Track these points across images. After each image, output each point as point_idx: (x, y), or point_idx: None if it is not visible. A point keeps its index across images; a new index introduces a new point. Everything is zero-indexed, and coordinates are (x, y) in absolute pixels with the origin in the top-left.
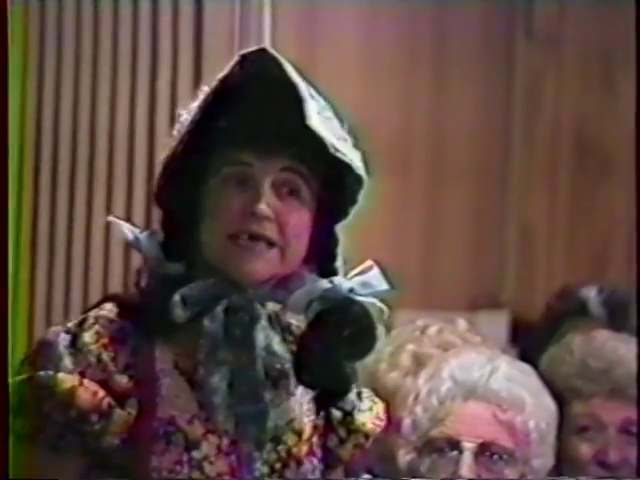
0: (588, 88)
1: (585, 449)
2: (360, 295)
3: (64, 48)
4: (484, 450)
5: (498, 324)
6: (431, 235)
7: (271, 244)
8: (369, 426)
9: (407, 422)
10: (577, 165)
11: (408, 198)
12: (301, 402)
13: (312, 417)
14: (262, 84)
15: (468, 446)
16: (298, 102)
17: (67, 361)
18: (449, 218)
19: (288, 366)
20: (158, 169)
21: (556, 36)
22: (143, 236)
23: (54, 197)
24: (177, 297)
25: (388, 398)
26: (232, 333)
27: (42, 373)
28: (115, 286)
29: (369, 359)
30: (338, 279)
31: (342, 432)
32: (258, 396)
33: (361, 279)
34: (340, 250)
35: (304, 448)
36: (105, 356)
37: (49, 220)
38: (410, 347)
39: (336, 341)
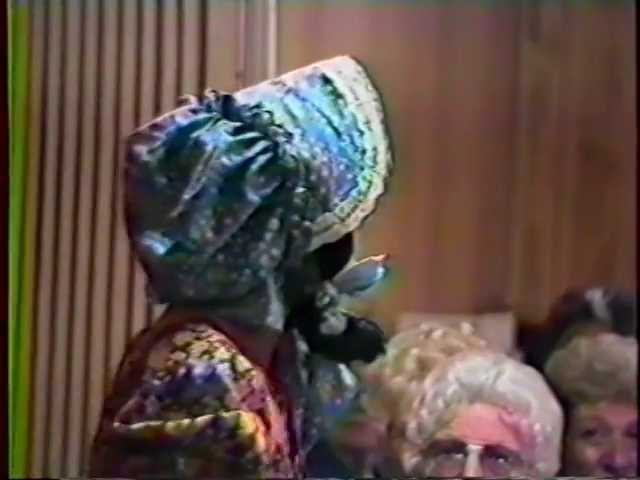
0: (593, 91)
1: (591, 453)
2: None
3: (68, 56)
4: (490, 453)
5: (503, 327)
6: (436, 238)
7: None
8: None
9: (412, 425)
10: (582, 168)
11: (413, 201)
12: None
13: None
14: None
15: (474, 448)
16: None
17: (234, 392)
18: (454, 221)
19: None
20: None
21: (561, 39)
22: None
23: (59, 199)
24: (331, 317)
25: (392, 402)
26: None
27: (226, 414)
28: (119, 286)
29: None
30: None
31: None
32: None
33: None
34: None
35: None
36: (263, 384)
37: (53, 221)
38: (414, 351)
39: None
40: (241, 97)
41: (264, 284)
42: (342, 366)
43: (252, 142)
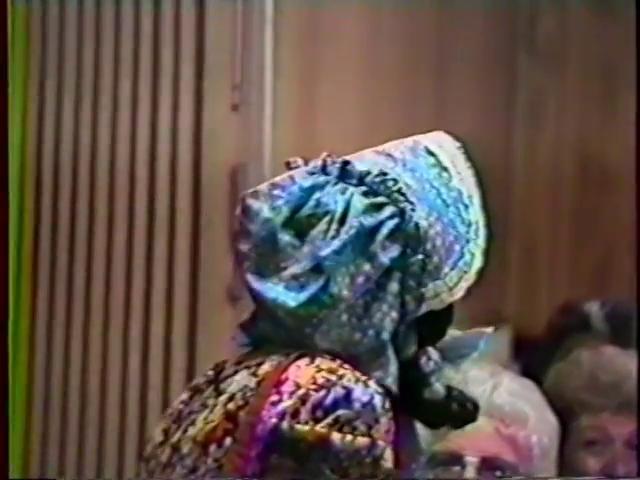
0: (591, 104)
1: (592, 463)
2: None
3: (65, 67)
4: (487, 465)
5: (500, 340)
6: None
7: None
8: None
9: None
10: (579, 180)
11: None
12: None
13: None
14: None
15: (471, 461)
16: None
17: (382, 425)
18: None
19: None
20: None
21: (558, 53)
22: None
23: (55, 205)
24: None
25: None
26: None
27: (381, 443)
28: (117, 294)
29: None
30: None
31: None
32: None
33: None
34: None
35: None
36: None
37: (50, 226)
38: None
39: None
40: (356, 163)
41: (384, 345)
42: (418, 431)
43: (381, 206)
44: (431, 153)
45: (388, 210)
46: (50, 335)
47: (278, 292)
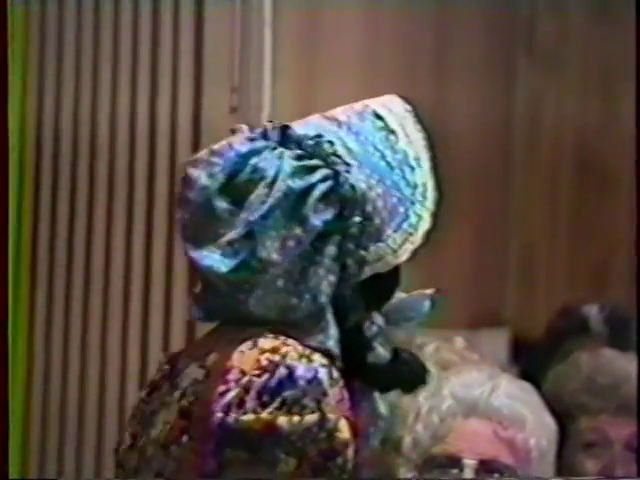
0: (589, 105)
1: (591, 465)
2: None
3: (63, 75)
4: (485, 467)
5: (499, 342)
6: (432, 253)
7: None
8: None
9: (408, 440)
10: (578, 182)
11: None
12: None
13: None
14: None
15: (469, 463)
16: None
17: (331, 397)
18: (450, 236)
19: None
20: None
21: (557, 54)
22: None
23: (54, 203)
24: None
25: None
26: None
27: (331, 416)
28: (116, 291)
29: None
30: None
31: None
32: None
33: None
34: None
35: None
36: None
37: (49, 226)
38: None
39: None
40: (297, 128)
41: (323, 309)
42: (376, 394)
43: (314, 169)
44: (379, 116)
45: (320, 173)
46: (49, 335)
47: (214, 259)
